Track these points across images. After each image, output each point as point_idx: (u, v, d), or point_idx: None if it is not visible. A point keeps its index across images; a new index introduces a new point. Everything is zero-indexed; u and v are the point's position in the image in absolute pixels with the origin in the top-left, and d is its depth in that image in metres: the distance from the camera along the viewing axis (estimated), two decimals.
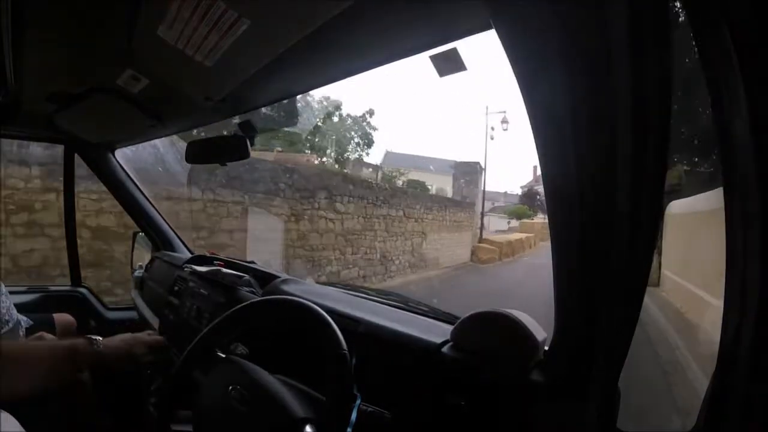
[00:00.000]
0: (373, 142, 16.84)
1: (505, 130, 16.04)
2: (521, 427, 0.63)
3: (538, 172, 0.52)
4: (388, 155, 21.28)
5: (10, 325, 1.38)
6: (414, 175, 17.51)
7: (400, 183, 14.87)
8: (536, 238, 16.05)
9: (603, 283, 0.51)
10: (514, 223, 20.50)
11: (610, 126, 0.43)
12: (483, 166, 15.74)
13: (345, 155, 15.65)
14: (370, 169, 15.42)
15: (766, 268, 0.38)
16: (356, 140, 16.55)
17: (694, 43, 0.39)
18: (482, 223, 14.61)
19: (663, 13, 0.39)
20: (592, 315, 0.53)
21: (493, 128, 16.19)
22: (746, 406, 0.41)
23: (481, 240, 13.79)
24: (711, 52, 0.38)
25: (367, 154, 16.90)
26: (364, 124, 16.67)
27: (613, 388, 0.56)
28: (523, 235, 15.97)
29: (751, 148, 0.37)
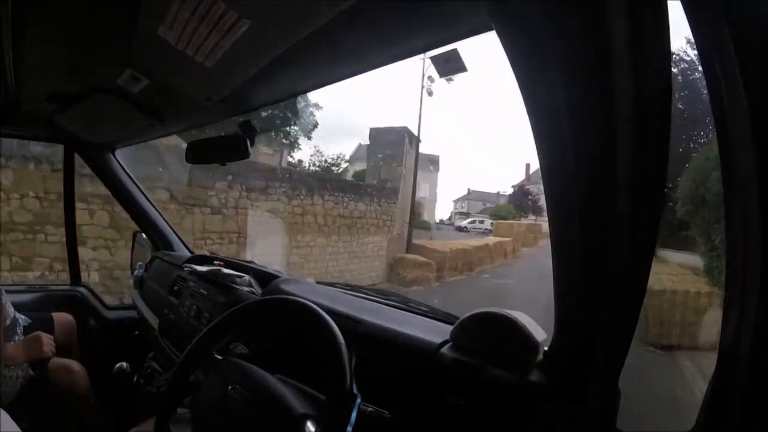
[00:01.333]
0: (315, 123, 12.92)
1: (449, 81, 11.00)
2: (521, 427, 0.63)
3: (532, 169, 0.52)
4: (361, 148, 19.02)
5: (7, 322, 1.38)
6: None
7: (345, 173, 11.45)
8: (516, 244, 12.68)
9: (603, 283, 0.51)
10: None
11: (610, 126, 0.43)
12: (415, 135, 10.19)
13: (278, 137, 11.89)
14: (272, 152, 11.63)
15: (766, 268, 0.38)
16: (293, 121, 12.16)
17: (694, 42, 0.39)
18: (411, 222, 9.89)
19: (663, 13, 0.39)
20: (592, 315, 0.53)
21: (431, 79, 10.64)
22: (746, 406, 0.41)
23: (409, 248, 9.36)
24: (711, 51, 0.38)
25: (309, 137, 13.26)
26: (303, 102, 12.21)
27: (613, 388, 0.56)
28: (493, 240, 11.78)
29: (751, 148, 0.37)
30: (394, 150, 9.76)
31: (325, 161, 12.37)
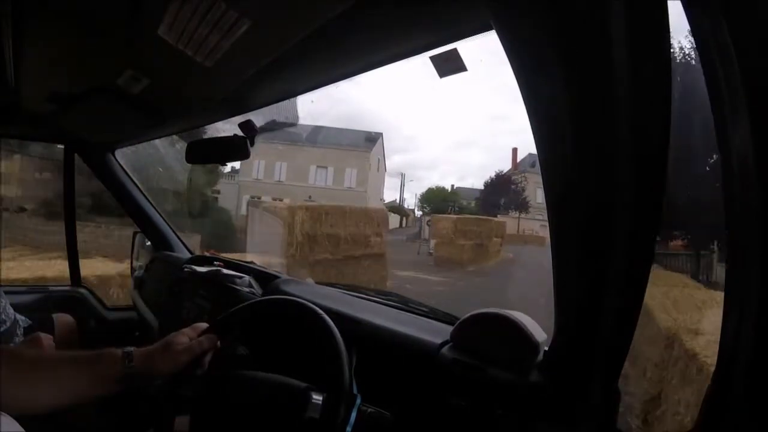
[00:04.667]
0: None
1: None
2: (521, 427, 0.63)
3: (520, 157, 0.51)
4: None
5: (8, 324, 1.38)
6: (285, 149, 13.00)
7: None
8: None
9: (603, 283, 0.51)
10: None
11: (610, 125, 0.43)
12: None
13: None
14: None
15: (766, 268, 0.38)
16: None
17: (693, 42, 0.39)
18: None
19: (663, 13, 0.39)
20: (592, 315, 0.53)
21: None
22: (746, 406, 0.41)
23: None
24: (711, 52, 0.38)
25: None
26: None
27: (613, 388, 0.56)
28: None
29: (751, 148, 0.37)
30: None
31: None
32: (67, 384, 0.70)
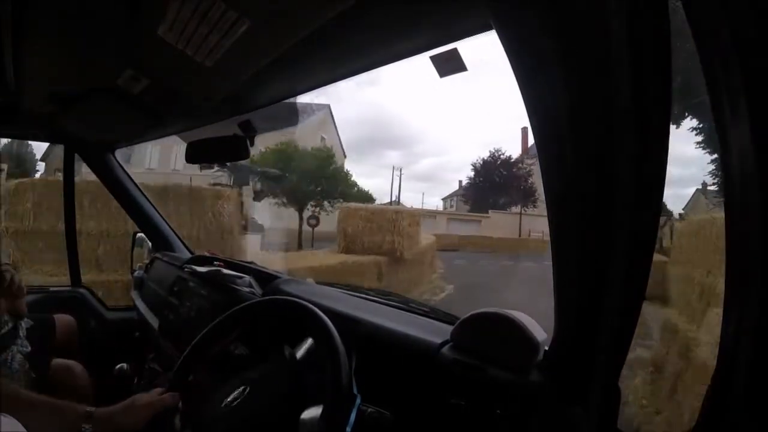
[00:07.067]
0: None
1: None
2: (521, 427, 0.63)
3: (530, 141, 0.50)
4: None
5: (10, 325, 1.38)
6: None
7: None
8: None
9: (603, 283, 0.51)
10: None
11: (609, 126, 0.43)
12: None
13: None
14: None
15: (766, 268, 0.38)
16: None
17: (694, 42, 0.39)
18: None
19: (663, 13, 0.39)
20: (592, 315, 0.53)
21: None
22: (746, 406, 0.41)
23: None
24: (711, 52, 0.38)
25: None
26: None
27: (613, 388, 0.56)
28: None
29: (751, 148, 0.37)
30: None
31: None
32: (27, 425, 0.70)
